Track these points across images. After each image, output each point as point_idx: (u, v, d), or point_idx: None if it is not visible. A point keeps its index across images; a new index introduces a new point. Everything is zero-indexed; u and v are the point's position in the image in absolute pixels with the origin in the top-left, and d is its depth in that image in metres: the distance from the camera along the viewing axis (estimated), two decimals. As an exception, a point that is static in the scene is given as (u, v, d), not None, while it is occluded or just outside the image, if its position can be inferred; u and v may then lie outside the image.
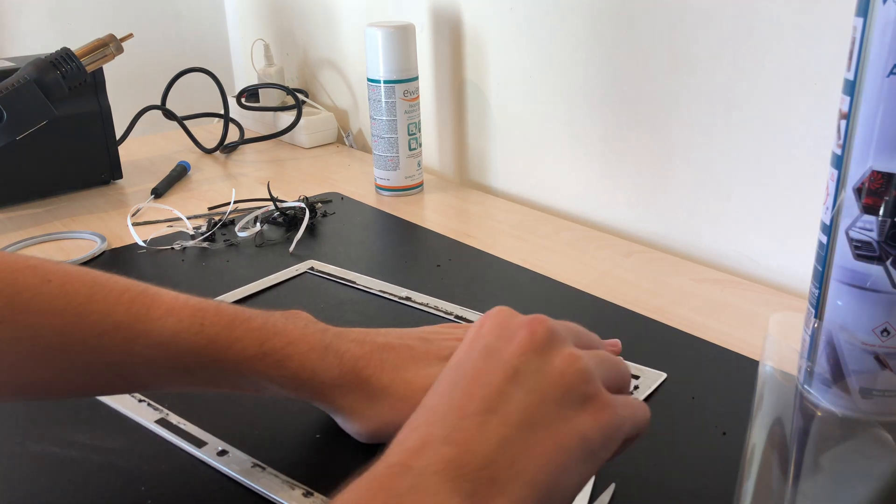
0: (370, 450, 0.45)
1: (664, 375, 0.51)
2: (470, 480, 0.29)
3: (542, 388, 0.32)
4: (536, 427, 0.31)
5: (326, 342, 0.43)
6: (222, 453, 0.45)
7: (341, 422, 0.45)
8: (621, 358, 0.41)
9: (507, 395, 0.32)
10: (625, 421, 0.34)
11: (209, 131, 1.14)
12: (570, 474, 0.31)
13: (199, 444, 0.46)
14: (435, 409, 0.32)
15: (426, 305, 0.61)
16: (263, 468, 0.44)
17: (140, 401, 0.50)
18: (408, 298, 0.63)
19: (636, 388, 0.50)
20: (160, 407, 0.49)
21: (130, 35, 0.86)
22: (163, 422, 0.48)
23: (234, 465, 0.44)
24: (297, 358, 0.42)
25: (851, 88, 0.36)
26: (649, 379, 0.51)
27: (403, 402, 0.43)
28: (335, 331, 0.45)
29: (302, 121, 1.08)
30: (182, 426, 0.47)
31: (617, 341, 0.53)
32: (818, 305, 0.41)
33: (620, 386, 0.37)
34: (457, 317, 0.59)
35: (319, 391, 0.43)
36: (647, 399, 0.49)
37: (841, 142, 0.38)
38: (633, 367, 0.52)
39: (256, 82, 1.14)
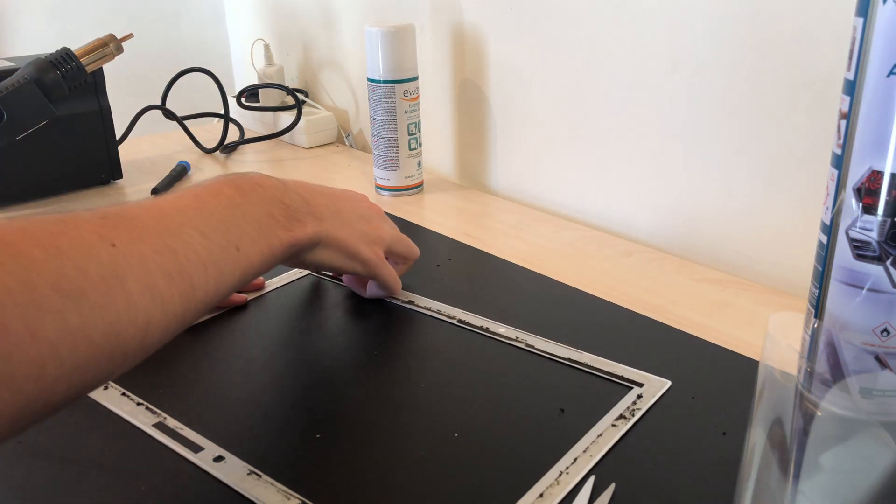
0: (368, 459, 0.45)
1: (668, 384, 0.51)
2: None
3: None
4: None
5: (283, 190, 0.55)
6: (218, 459, 0.45)
7: (318, 250, 0.57)
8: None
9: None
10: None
11: (209, 131, 1.14)
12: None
13: (196, 448, 0.46)
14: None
15: (429, 309, 0.61)
16: (259, 476, 0.43)
17: (139, 404, 0.50)
18: (411, 302, 0.62)
19: (640, 396, 0.49)
20: (158, 410, 0.49)
21: (130, 35, 0.86)
22: (160, 426, 0.48)
23: (230, 472, 0.43)
24: (292, 204, 0.54)
25: (851, 88, 0.36)
26: (654, 387, 0.50)
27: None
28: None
29: (302, 121, 1.08)
30: (179, 430, 0.47)
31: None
32: (818, 305, 0.41)
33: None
34: (460, 321, 0.59)
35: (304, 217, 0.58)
36: (651, 407, 0.49)
37: (841, 142, 0.38)
38: (637, 374, 0.52)
39: (256, 82, 1.14)
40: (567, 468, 0.43)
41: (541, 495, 0.41)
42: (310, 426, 0.47)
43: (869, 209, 0.37)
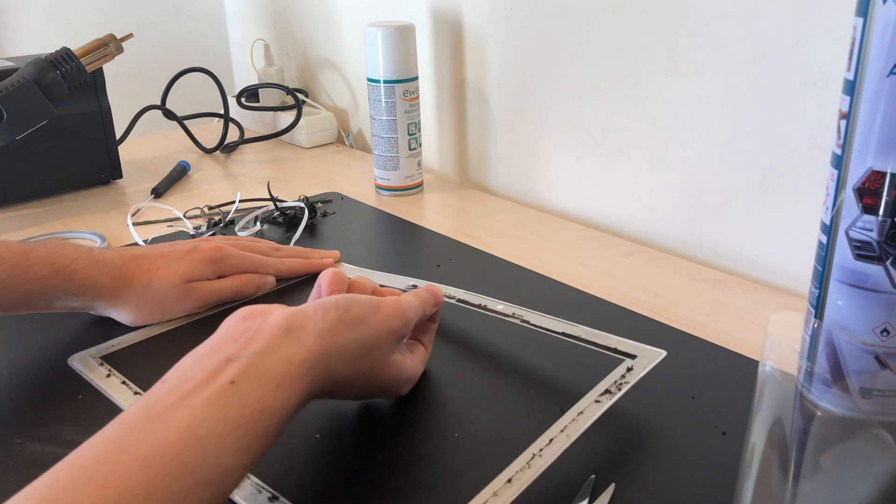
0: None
1: (663, 353, 0.49)
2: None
3: None
4: None
5: (95, 258, 0.56)
6: None
7: (116, 315, 0.58)
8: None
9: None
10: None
11: (209, 131, 1.14)
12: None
13: None
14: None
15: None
16: (249, 478, 0.43)
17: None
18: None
19: (629, 369, 0.48)
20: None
21: (130, 35, 0.86)
22: None
23: None
24: (80, 272, 0.55)
25: (851, 88, 0.36)
26: (647, 358, 0.49)
27: (162, 293, 0.58)
28: (98, 250, 0.57)
29: (302, 121, 1.08)
30: None
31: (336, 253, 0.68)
32: (818, 305, 0.41)
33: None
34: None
35: (100, 294, 0.56)
36: (643, 377, 0.47)
37: (841, 142, 0.38)
38: (631, 346, 0.50)
39: (256, 82, 1.14)
40: (541, 450, 0.41)
41: (509, 481, 0.39)
42: (310, 426, 0.47)
43: (869, 209, 0.37)
